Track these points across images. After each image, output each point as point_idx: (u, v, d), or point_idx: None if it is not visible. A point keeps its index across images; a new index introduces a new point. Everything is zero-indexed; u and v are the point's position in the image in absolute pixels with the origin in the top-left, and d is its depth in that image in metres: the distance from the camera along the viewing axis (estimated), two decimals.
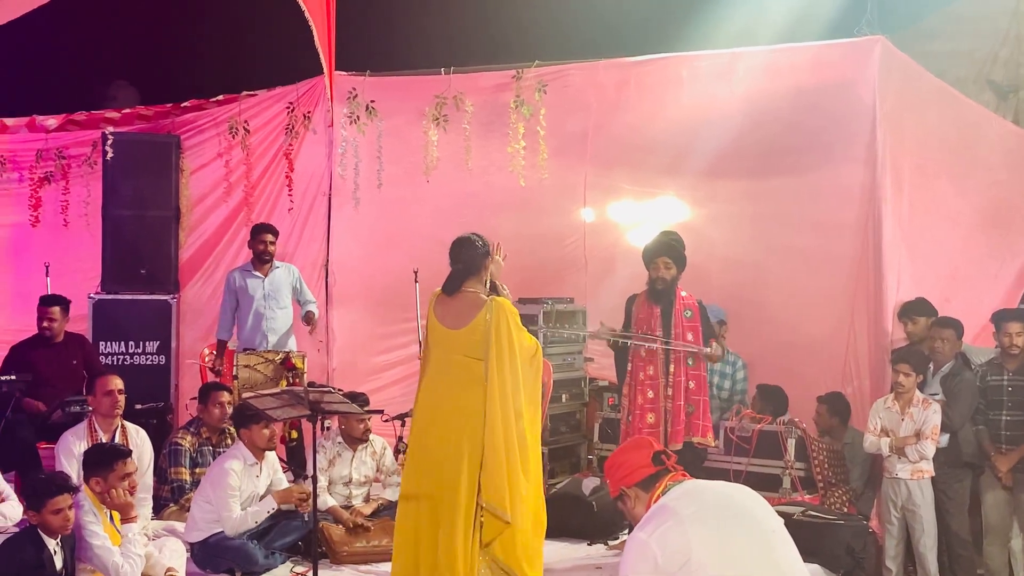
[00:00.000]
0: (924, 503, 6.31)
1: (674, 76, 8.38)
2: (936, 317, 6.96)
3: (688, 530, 3.28)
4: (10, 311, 9.46)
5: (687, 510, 3.36)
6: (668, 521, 3.34)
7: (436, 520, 5.16)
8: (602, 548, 6.88)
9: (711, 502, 3.43)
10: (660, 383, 6.61)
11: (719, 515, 3.36)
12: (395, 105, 9.09)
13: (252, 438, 6.30)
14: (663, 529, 3.32)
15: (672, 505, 3.41)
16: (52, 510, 4.89)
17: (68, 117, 9.60)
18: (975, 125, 8.12)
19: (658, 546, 3.27)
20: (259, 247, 8.41)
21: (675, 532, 3.29)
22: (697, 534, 3.28)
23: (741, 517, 3.40)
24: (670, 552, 3.24)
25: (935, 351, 6.71)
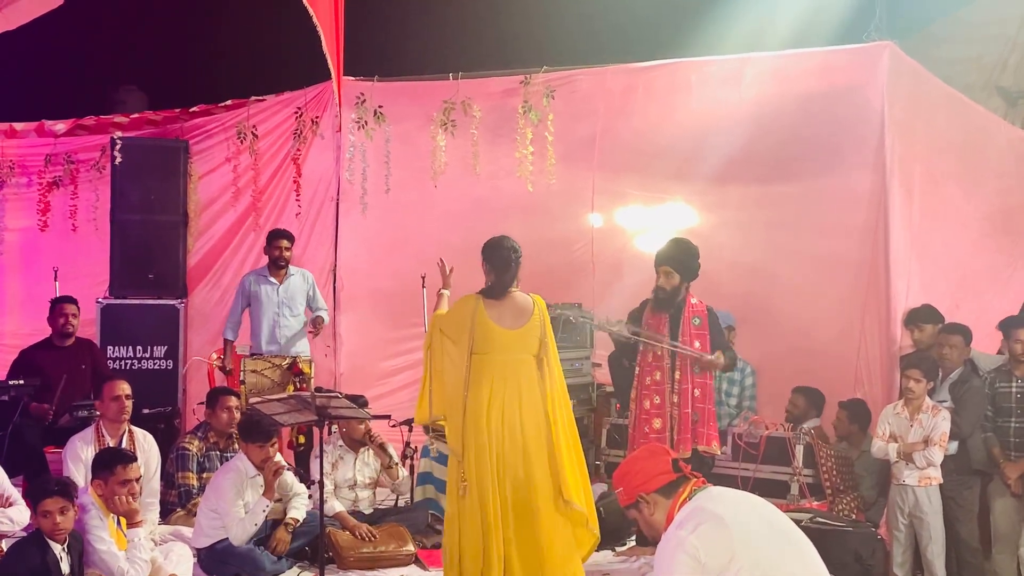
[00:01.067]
0: (932, 510, 6.27)
1: (682, 82, 8.37)
2: (943, 324, 6.94)
3: (731, 529, 3.31)
4: (19, 316, 9.49)
5: (724, 511, 3.38)
6: (708, 520, 3.35)
7: (519, 516, 5.34)
8: (609, 554, 6.86)
9: (744, 507, 3.45)
10: (666, 389, 6.59)
11: (754, 518, 3.40)
12: (403, 110, 9.10)
13: (249, 455, 6.31)
14: (705, 528, 3.33)
15: (708, 507, 3.42)
16: (41, 512, 4.90)
17: (77, 122, 9.63)
18: (984, 131, 8.10)
19: (700, 543, 3.28)
20: (275, 253, 8.41)
21: (717, 531, 3.31)
22: (739, 534, 3.30)
23: (773, 522, 3.45)
24: (714, 551, 3.27)
25: (943, 358, 6.68)
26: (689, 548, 3.29)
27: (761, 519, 3.42)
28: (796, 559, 3.38)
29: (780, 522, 3.49)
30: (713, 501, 3.46)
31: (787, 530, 3.46)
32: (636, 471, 3.70)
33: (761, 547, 3.32)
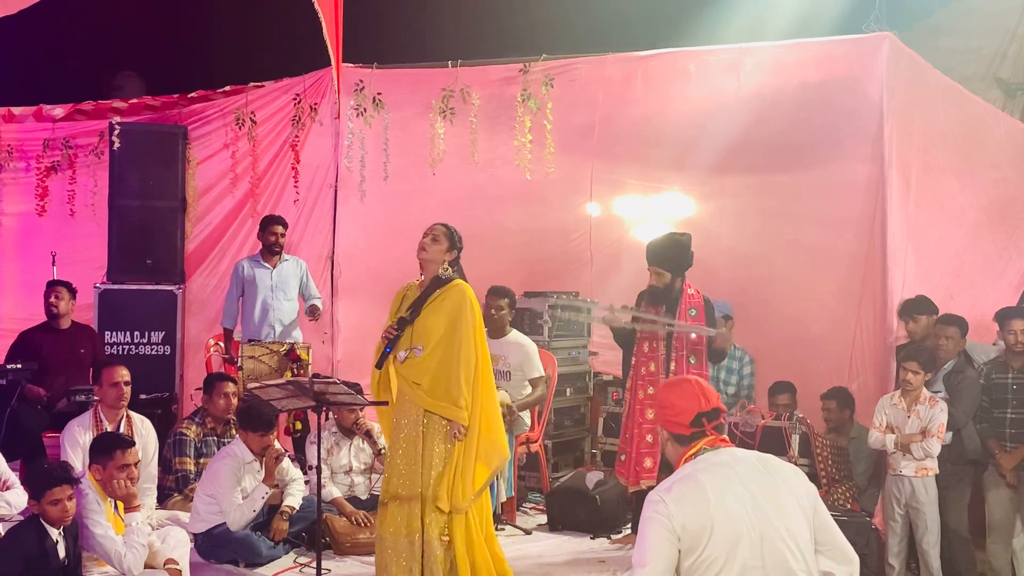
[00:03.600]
0: (928, 501, 6.29)
1: (681, 70, 8.36)
2: (937, 315, 6.96)
3: (711, 508, 3.22)
4: (17, 300, 9.50)
5: (712, 486, 3.27)
6: (690, 491, 3.28)
7: None
8: (605, 542, 6.91)
9: (734, 489, 3.29)
10: (660, 380, 6.60)
11: (746, 505, 3.26)
12: (402, 97, 9.09)
13: (248, 443, 6.34)
14: (684, 497, 3.27)
15: (701, 476, 3.32)
16: (50, 500, 4.90)
17: (75, 107, 9.61)
18: (982, 122, 8.10)
19: (676, 510, 3.23)
20: (269, 239, 8.42)
21: (696, 504, 3.24)
22: (720, 514, 3.22)
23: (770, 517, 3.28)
24: (690, 522, 3.21)
25: (939, 348, 6.69)
26: (662, 511, 3.25)
27: (755, 509, 3.25)
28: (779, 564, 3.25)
29: (782, 515, 3.28)
30: (710, 472, 3.33)
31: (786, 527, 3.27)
32: (666, 404, 3.60)
33: (741, 539, 3.22)
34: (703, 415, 3.47)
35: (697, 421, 3.47)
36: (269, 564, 6.22)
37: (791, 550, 3.24)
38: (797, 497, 3.34)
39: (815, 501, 3.38)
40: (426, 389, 5.50)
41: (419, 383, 5.53)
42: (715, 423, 3.49)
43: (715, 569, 3.20)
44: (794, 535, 3.26)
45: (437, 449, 5.50)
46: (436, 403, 5.51)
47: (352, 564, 6.30)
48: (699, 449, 3.44)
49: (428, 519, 5.45)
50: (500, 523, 7.16)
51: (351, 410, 6.90)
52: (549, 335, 8.34)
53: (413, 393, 5.54)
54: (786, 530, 3.25)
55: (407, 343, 5.58)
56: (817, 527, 3.37)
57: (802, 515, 3.32)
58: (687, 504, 3.24)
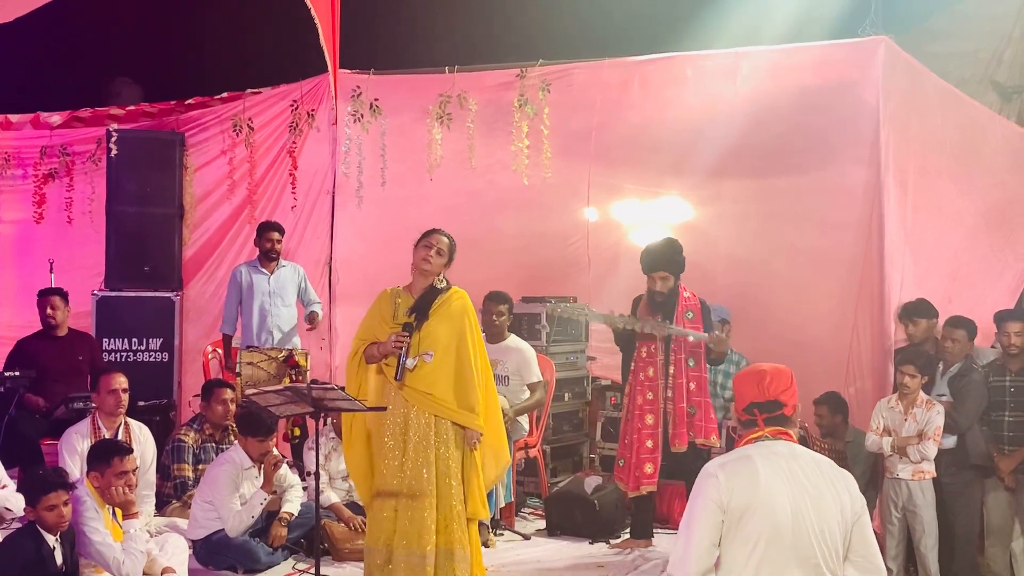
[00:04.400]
0: (925, 504, 6.29)
1: (678, 75, 8.37)
2: (936, 318, 6.96)
3: (759, 486, 3.38)
4: (14, 308, 9.47)
5: (763, 469, 3.42)
6: (744, 468, 3.45)
7: None
8: (604, 547, 6.90)
9: (779, 485, 3.41)
10: (659, 384, 6.60)
11: (784, 499, 3.39)
12: (399, 103, 9.08)
13: (248, 449, 6.34)
14: (737, 470, 3.44)
15: (755, 460, 3.47)
16: (46, 506, 4.90)
17: (72, 114, 9.61)
18: (979, 126, 8.11)
19: (726, 482, 3.41)
20: (266, 245, 8.41)
21: (747, 479, 3.40)
22: (765, 495, 3.37)
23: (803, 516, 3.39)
24: (737, 494, 3.39)
25: (945, 351, 6.67)
26: (714, 484, 3.43)
27: (798, 503, 3.38)
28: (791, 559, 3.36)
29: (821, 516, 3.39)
30: (765, 457, 3.47)
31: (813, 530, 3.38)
32: (734, 388, 3.79)
33: (779, 527, 3.35)
34: (755, 405, 3.59)
35: (749, 409, 3.62)
36: (268, 571, 6.21)
37: (821, 550, 3.36)
38: (841, 503, 3.43)
39: (861, 512, 3.47)
40: (438, 397, 5.48)
41: (430, 392, 5.49)
42: (769, 415, 3.58)
43: (748, 549, 3.36)
44: (828, 537, 3.38)
45: (454, 456, 5.49)
46: (454, 411, 5.50)
47: (351, 570, 6.29)
48: (760, 436, 3.56)
49: (454, 529, 5.45)
50: (499, 528, 7.17)
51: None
52: (547, 340, 8.35)
53: (422, 401, 5.49)
54: (821, 531, 3.37)
55: (415, 350, 5.51)
56: (855, 538, 3.46)
57: (841, 520, 3.42)
58: (738, 480, 3.41)
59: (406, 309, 5.59)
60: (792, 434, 3.61)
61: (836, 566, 3.39)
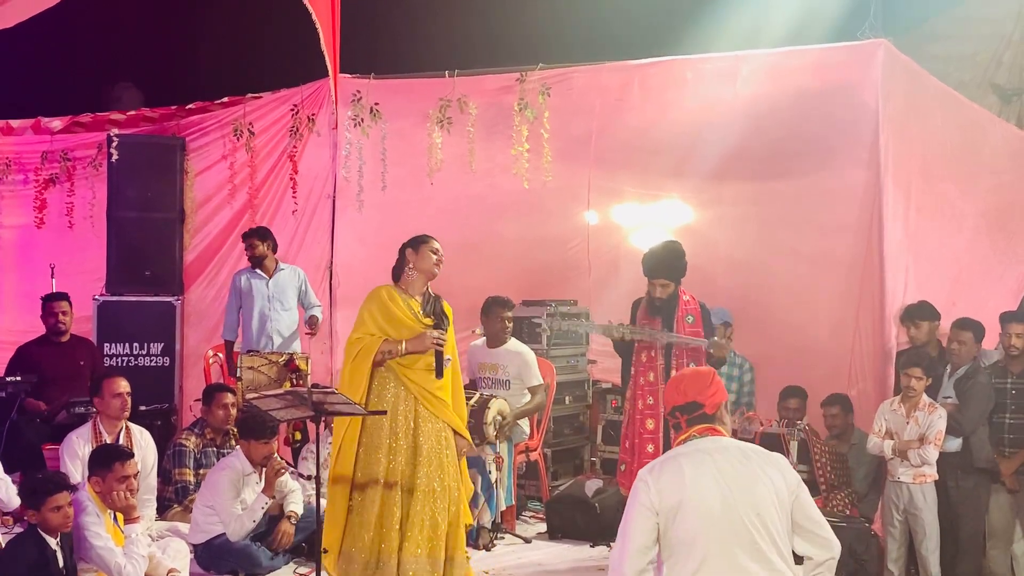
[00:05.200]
0: (926, 507, 6.27)
1: (678, 78, 8.37)
2: (938, 320, 6.96)
3: (686, 486, 3.54)
4: (15, 313, 9.48)
5: (688, 469, 3.58)
6: (670, 468, 3.62)
7: None
8: (605, 549, 6.90)
9: (718, 460, 3.59)
10: (660, 389, 6.59)
11: (714, 494, 3.53)
12: (399, 107, 9.10)
13: (250, 452, 6.34)
14: (665, 474, 3.60)
15: (680, 460, 3.64)
16: (51, 508, 4.92)
17: (73, 119, 9.62)
18: (979, 128, 8.11)
19: (653, 483, 3.58)
20: (248, 252, 8.45)
21: (673, 479, 3.57)
22: (693, 492, 3.52)
23: (737, 507, 3.52)
24: (666, 494, 3.55)
25: (952, 353, 6.66)
26: (642, 488, 3.60)
27: (727, 492, 3.52)
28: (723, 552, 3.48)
29: (752, 500, 3.52)
30: (690, 456, 3.64)
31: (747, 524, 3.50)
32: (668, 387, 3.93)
33: (712, 518, 3.50)
34: (676, 408, 3.80)
35: (672, 413, 3.83)
36: (269, 575, 6.22)
37: (759, 531, 3.49)
38: (774, 487, 3.58)
39: (797, 490, 3.63)
40: (450, 406, 5.60)
41: (447, 399, 5.59)
42: (690, 415, 3.76)
43: (687, 544, 3.51)
44: (763, 518, 3.51)
45: (455, 462, 5.60)
46: (456, 420, 5.66)
47: None
48: (688, 436, 3.74)
49: (460, 535, 5.58)
50: (500, 532, 7.17)
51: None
52: (548, 343, 8.34)
53: (437, 407, 5.55)
54: (756, 514, 3.51)
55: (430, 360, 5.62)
56: (796, 514, 3.61)
57: (776, 500, 3.55)
58: (664, 482, 3.58)
59: (418, 311, 5.61)
60: (720, 430, 3.76)
61: (779, 545, 3.52)
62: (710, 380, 3.81)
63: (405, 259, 5.77)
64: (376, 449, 5.53)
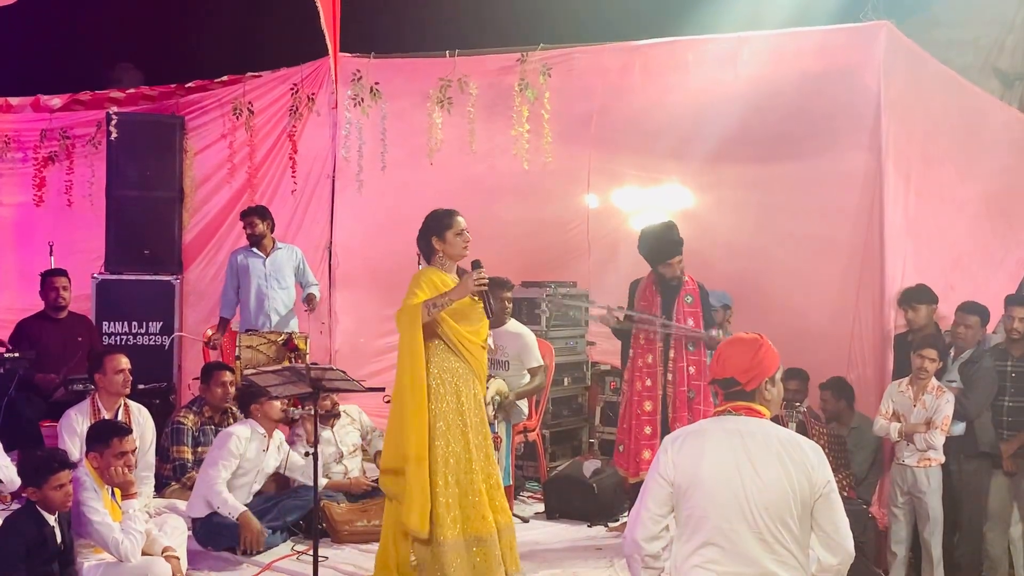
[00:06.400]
0: (930, 491, 6.28)
1: (680, 60, 8.34)
2: (936, 304, 6.96)
3: (703, 463, 3.54)
4: (14, 290, 9.48)
5: (713, 439, 3.58)
6: (691, 441, 3.63)
7: None
8: (602, 530, 6.92)
9: (740, 444, 3.55)
10: (658, 371, 6.59)
11: (736, 458, 3.53)
12: (399, 87, 9.07)
13: (264, 411, 6.35)
14: (685, 448, 3.62)
15: (705, 436, 3.63)
16: (54, 486, 4.92)
17: (73, 97, 9.60)
18: (980, 112, 8.10)
19: (674, 459, 3.61)
20: (247, 231, 8.44)
21: (691, 452, 3.59)
22: (709, 468, 3.53)
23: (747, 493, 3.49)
24: (682, 466, 3.58)
25: (958, 337, 6.65)
26: (663, 458, 3.65)
27: (739, 477, 3.49)
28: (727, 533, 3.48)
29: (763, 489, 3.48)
30: (716, 434, 3.61)
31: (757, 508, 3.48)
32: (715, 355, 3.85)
33: (721, 500, 3.50)
34: (715, 381, 3.75)
35: (712, 383, 3.84)
36: (266, 551, 6.22)
37: (764, 521, 3.46)
38: (792, 479, 3.48)
39: (824, 490, 3.52)
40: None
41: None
42: (727, 391, 3.69)
43: (694, 522, 3.53)
44: (770, 508, 3.47)
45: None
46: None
47: (350, 552, 6.28)
48: (724, 410, 3.68)
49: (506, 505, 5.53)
50: None
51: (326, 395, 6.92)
52: (547, 325, 8.34)
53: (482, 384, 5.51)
54: (763, 507, 3.46)
55: (487, 332, 5.53)
56: (817, 513, 3.53)
57: (791, 494, 3.47)
58: (683, 455, 3.60)
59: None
60: (758, 409, 3.66)
61: (782, 536, 3.47)
62: (753, 353, 3.67)
63: (432, 247, 5.48)
64: (448, 436, 5.30)
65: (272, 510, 6.37)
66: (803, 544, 3.51)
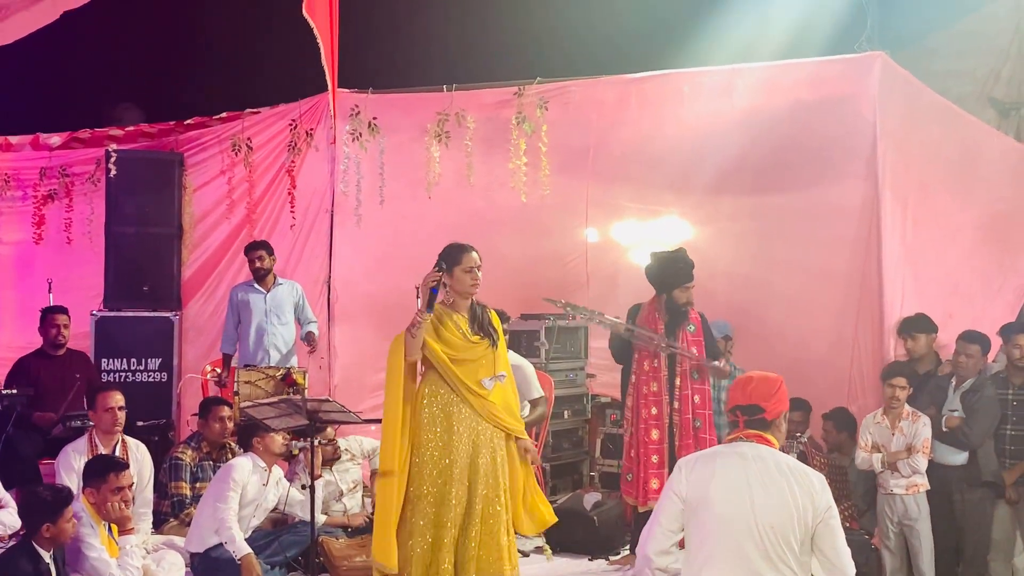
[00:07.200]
0: (921, 517, 6.27)
1: (675, 92, 8.39)
2: (935, 333, 6.96)
3: (712, 484, 3.73)
4: (14, 329, 9.48)
5: (720, 469, 3.77)
6: (702, 464, 3.84)
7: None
8: (604, 563, 6.87)
9: (749, 469, 3.73)
10: (663, 400, 6.59)
11: (746, 482, 3.70)
12: (397, 122, 9.10)
13: (266, 444, 6.30)
14: (698, 468, 3.83)
15: (718, 459, 3.83)
16: (68, 518, 4.93)
17: (72, 135, 9.62)
18: (977, 142, 8.12)
19: (686, 477, 3.81)
20: (253, 264, 8.45)
21: (702, 472, 3.79)
22: (717, 492, 3.72)
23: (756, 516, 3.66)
24: (694, 485, 3.78)
25: (959, 366, 6.63)
26: (676, 476, 3.85)
27: (748, 501, 3.66)
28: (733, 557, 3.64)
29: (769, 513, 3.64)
30: (728, 457, 3.80)
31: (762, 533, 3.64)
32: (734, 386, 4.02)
33: (728, 521, 3.67)
34: (738, 407, 3.90)
35: (733, 411, 3.94)
36: None
37: (769, 541, 3.64)
38: (798, 502, 3.67)
39: (825, 515, 3.70)
40: (506, 416, 5.41)
41: (503, 417, 5.38)
42: (750, 417, 3.86)
43: (701, 539, 3.72)
44: (776, 532, 3.64)
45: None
46: (519, 429, 5.49)
47: None
48: (736, 438, 3.87)
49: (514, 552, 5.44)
50: None
51: (328, 441, 7.00)
52: (546, 357, 8.32)
53: (499, 419, 5.38)
54: (769, 526, 3.64)
55: (490, 370, 5.39)
56: (818, 538, 3.70)
57: (796, 517, 3.65)
58: (695, 475, 3.81)
59: (465, 329, 5.40)
60: (770, 439, 3.85)
61: (786, 555, 3.63)
62: (776, 388, 3.92)
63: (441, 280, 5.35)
64: (435, 480, 5.24)
65: (271, 545, 6.32)
66: (804, 565, 3.66)
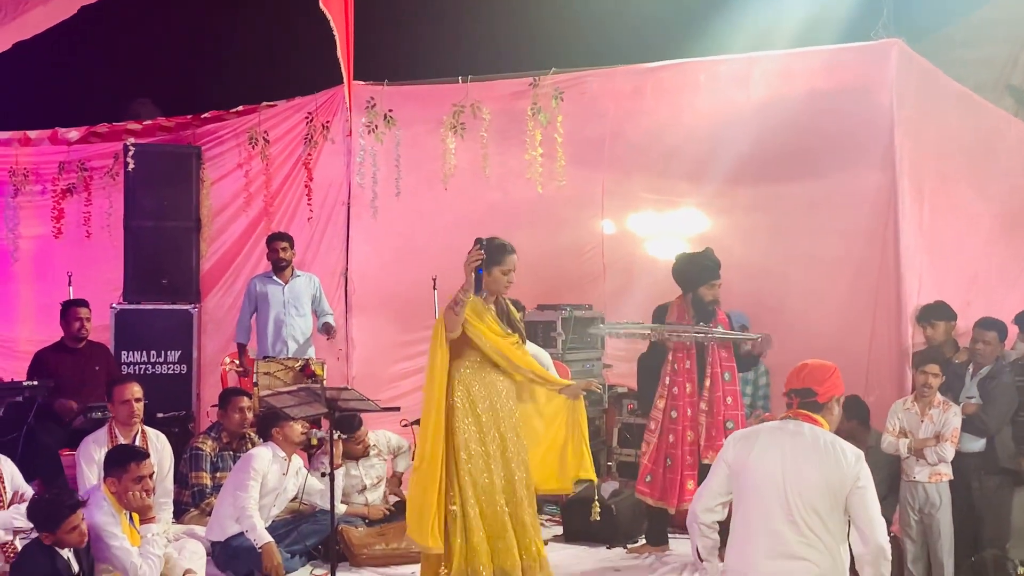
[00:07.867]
0: (942, 507, 6.23)
1: (691, 81, 8.37)
2: (954, 320, 6.93)
3: (752, 451, 4.19)
4: (34, 322, 9.56)
5: (761, 441, 4.21)
6: (749, 436, 4.32)
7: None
8: (621, 551, 6.88)
9: (786, 442, 4.15)
10: (696, 400, 6.61)
11: (782, 454, 4.13)
12: (413, 114, 9.12)
13: (286, 434, 6.32)
14: (744, 439, 4.31)
15: (761, 433, 4.29)
16: (67, 530, 4.90)
17: (90, 129, 9.70)
18: (995, 130, 8.09)
19: (731, 447, 4.32)
20: (274, 255, 8.50)
21: (745, 444, 4.26)
22: (756, 460, 4.16)
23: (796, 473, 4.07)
24: (737, 454, 4.25)
25: (976, 353, 6.62)
26: (724, 446, 4.40)
27: (781, 470, 4.09)
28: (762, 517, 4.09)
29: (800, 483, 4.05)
30: (769, 432, 4.25)
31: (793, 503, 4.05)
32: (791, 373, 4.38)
33: (762, 488, 4.12)
34: (793, 391, 4.29)
35: (788, 393, 4.32)
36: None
37: (797, 508, 4.05)
38: (826, 476, 4.05)
39: (853, 483, 4.05)
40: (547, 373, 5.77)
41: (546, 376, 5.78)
42: (803, 400, 4.24)
43: (739, 500, 4.22)
44: (803, 499, 4.05)
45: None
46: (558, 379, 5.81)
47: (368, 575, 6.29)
48: (786, 416, 4.28)
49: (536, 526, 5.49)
50: None
51: (358, 441, 7.03)
52: (563, 347, 8.32)
53: (544, 377, 5.73)
54: (799, 493, 4.05)
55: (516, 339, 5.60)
56: (852, 508, 4.07)
57: (826, 489, 4.05)
58: (738, 447, 4.29)
59: (494, 323, 5.48)
60: (819, 420, 4.22)
61: (812, 521, 4.03)
62: (829, 374, 4.28)
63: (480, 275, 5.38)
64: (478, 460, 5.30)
65: (291, 534, 6.36)
66: (833, 532, 4.04)
